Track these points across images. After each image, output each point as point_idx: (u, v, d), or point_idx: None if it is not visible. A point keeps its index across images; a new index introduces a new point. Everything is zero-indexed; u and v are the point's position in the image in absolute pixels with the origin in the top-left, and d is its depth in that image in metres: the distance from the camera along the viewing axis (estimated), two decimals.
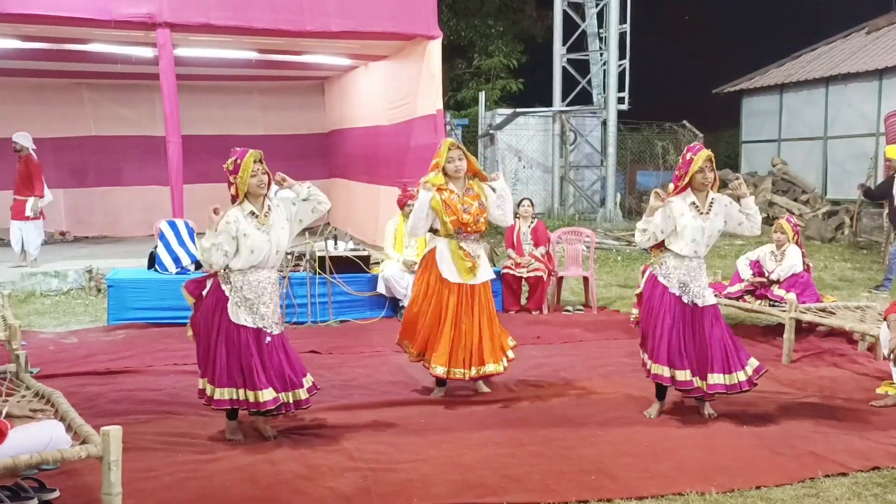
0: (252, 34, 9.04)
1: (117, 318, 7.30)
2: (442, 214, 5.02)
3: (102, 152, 13.29)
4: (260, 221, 4.23)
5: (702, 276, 4.65)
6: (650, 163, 19.27)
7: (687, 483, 3.71)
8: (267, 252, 4.22)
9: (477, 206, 5.08)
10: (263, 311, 4.22)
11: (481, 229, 5.15)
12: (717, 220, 4.62)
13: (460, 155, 5.08)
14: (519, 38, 21.90)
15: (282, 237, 4.30)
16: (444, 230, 5.07)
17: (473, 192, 5.12)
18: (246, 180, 4.18)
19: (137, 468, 3.71)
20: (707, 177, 4.55)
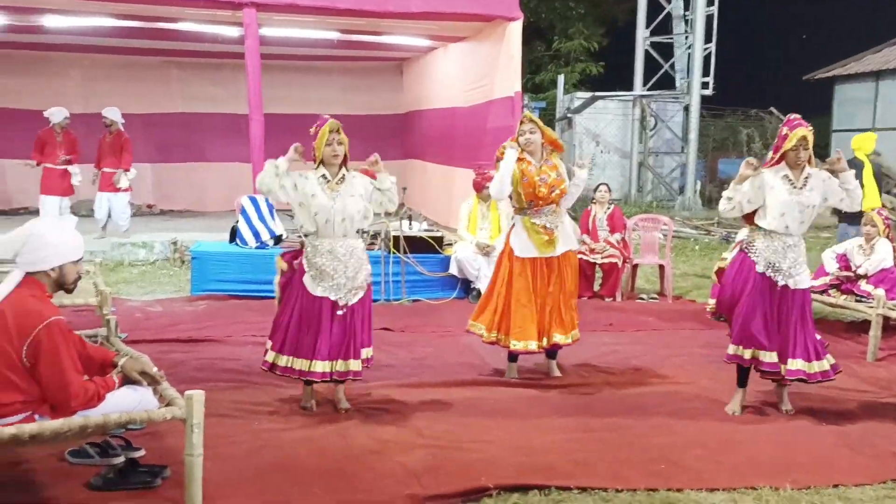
0: (335, 14, 9.14)
1: (199, 288, 7.58)
2: (517, 185, 5.00)
3: (188, 129, 13.70)
4: (329, 187, 4.31)
5: (795, 255, 4.43)
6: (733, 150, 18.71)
7: (760, 477, 3.63)
8: (330, 217, 4.28)
9: (554, 177, 5.04)
10: (340, 280, 4.30)
11: (555, 200, 5.09)
12: (812, 196, 4.40)
13: (532, 128, 5.05)
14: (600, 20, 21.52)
15: (349, 206, 4.33)
16: (518, 202, 5.06)
17: (551, 162, 5.09)
18: (321, 147, 4.31)
19: (216, 433, 3.84)
20: (800, 156, 4.37)
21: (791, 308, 4.45)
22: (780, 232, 4.42)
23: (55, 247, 3.16)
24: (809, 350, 4.46)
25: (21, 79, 12.53)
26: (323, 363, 4.27)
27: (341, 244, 4.34)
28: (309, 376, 4.30)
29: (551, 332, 5.09)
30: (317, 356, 4.26)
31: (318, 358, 4.26)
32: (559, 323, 5.10)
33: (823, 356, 4.50)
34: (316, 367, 4.26)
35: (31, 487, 3.32)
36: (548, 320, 5.07)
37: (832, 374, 4.52)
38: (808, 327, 4.49)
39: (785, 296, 4.44)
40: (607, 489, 3.49)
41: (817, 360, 4.47)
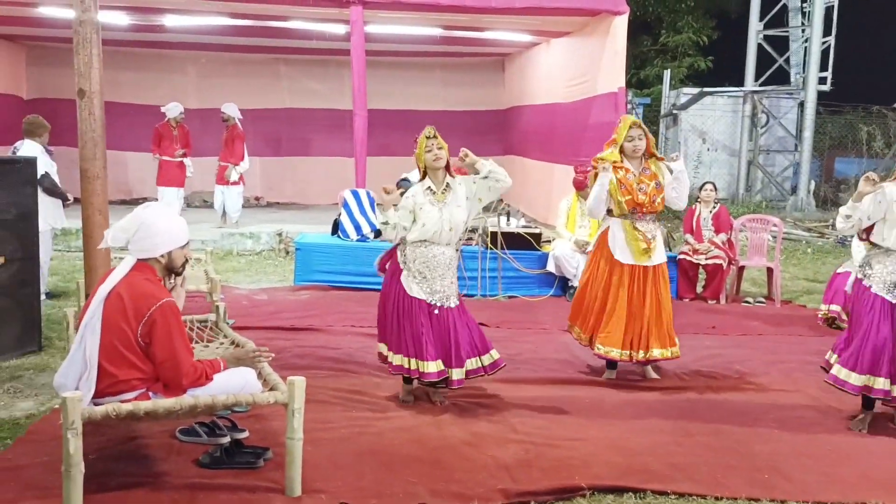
0: (439, 11, 9.22)
1: (302, 279, 7.82)
2: (616, 194, 4.91)
3: (295, 124, 14.15)
4: (437, 198, 4.35)
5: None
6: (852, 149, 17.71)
7: (872, 492, 3.45)
8: (438, 228, 4.33)
9: (654, 187, 4.92)
10: (437, 285, 4.34)
11: (657, 210, 4.99)
12: None
13: (640, 134, 4.93)
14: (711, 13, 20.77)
15: (456, 215, 4.37)
16: (619, 210, 4.96)
17: (650, 171, 4.97)
18: (422, 156, 4.35)
19: (316, 419, 3.97)
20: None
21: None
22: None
23: (164, 234, 3.33)
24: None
25: (141, 75, 13.27)
26: (436, 363, 4.30)
27: (443, 251, 4.39)
28: (423, 376, 4.33)
29: (649, 345, 4.96)
30: (427, 356, 4.29)
31: (429, 358, 4.29)
32: (657, 337, 4.96)
33: None
34: (429, 367, 4.29)
35: (144, 461, 3.52)
36: (644, 333, 4.95)
37: None
38: None
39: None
40: (706, 496, 3.39)
41: None
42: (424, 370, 4.29)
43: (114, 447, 3.63)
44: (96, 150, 4.48)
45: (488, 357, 4.49)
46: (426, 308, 4.34)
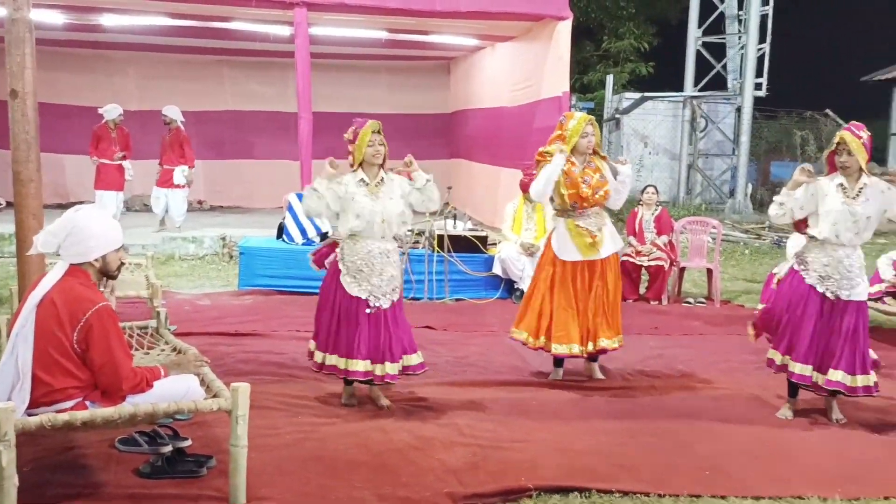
0: (384, 14, 9.21)
1: (247, 283, 7.70)
2: (561, 186, 4.97)
3: (238, 127, 13.94)
4: (369, 190, 4.34)
5: (849, 266, 4.32)
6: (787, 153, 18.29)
7: (808, 487, 3.55)
8: (370, 219, 4.31)
9: (597, 179, 5.00)
10: (375, 280, 4.33)
11: (600, 202, 5.06)
12: (868, 207, 4.27)
13: (594, 131, 5.03)
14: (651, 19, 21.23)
15: (389, 208, 4.36)
16: (561, 203, 5.03)
17: (594, 165, 5.06)
18: (362, 149, 4.33)
19: (260, 425, 3.90)
20: (842, 160, 4.27)
21: (842, 320, 4.34)
22: (832, 242, 4.32)
23: (98, 237, 3.23)
24: (854, 363, 4.33)
25: (79, 75, 12.91)
26: (364, 363, 4.29)
27: (378, 246, 4.37)
28: (349, 375, 4.34)
29: (598, 336, 5.03)
30: (357, 355, 4.29)
31: (358, 357, 4.29)
32: (605, 326, 5.05)
33: (869, 371, 4.38)
34: (357, 366, 4.29)
35: (82, 472, 3.42)
36: (593, 324, 5.02)
37: (875, 391, 4.39)
38: (859, 340, 4.36)
39: (836, 308, 4.34)
40: (650, 494, 3.45)
41: (862, 375, 4.34)
42: (352, 368, 4.29)
43: (50, 458, 3.51)
44: (30, 153, 4.34)
45: (416, 357, 4.49)
46: (364, 307, 4.32)
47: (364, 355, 4.30)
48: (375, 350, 4.34)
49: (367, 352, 4.31)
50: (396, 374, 4.40)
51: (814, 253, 4.40)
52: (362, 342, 4.30)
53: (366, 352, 4.30)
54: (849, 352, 4.33)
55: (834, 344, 4.33)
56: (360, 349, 4.30)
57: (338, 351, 4.35)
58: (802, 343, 4.36)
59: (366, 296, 4.32)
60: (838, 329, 4.33)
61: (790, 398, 4.58)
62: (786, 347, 4.45)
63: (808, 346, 4.35)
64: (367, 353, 4.31)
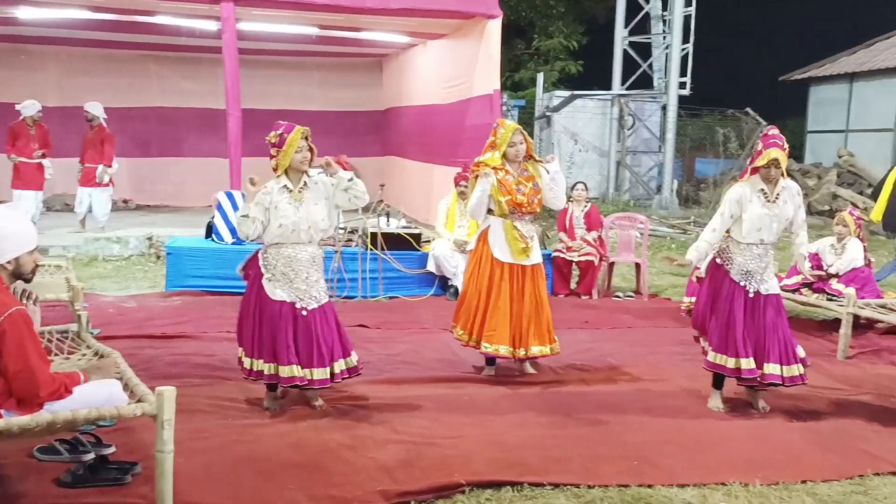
0: (314, 10, 9.11)
1: (174, 284, 7.52)
2: (497, 195, 5.02)
3: (166, 124, 13.60)
4: (293, 196, 4.28)
5: (766, 262, 4.53)
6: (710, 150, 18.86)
7: (731, 473, 3.67)
8: (295, 227, 4.25)
9: (531, 188, 5.07)
10: (301, 285, 4.27)
11: (535, 210, 5.14)
12: (786, 208, 4.50)
13: (521, 139, 5.08)
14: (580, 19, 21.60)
15: (314, 213, 4.30)
16: (499, 210, 5.07)
17: (528, 173, 5.11)
18: (290, 155, 4.23)
19: (189, 429, 3.84)
20: (771, 175, 4.44)
21: (765, 313, 4.50)
22: (754, 243, 4.50)
23: (9, 238, 3.11)
24: (785, 354, 4.51)
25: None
26: (289, 368, 4.23)
27: (304, 251, 4.31)
28: (277, 380, 4.28)
29: (529, 343, 5.09)
30: (284, 361, 4.23)
31: (285, 363, 4.22)
32: (537, 334, 5.10)
33: (798, 360, 4.55)
34: (284, 371, 4.23)
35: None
36: (524, 330, 5.08)
37: (804, 379, 4.57)
38: (785, 331, 4.54)
39: (758, 302, 4.51)
40: (580, 485, 3.51)
41: (795, 364, 4.52)
42: (282, 374, 4.23)
43: None
44: None
45: (351, 360, 4.45)
46: (290, 310, 4.26)
47: (291, 361, 4.23)
48: (303, 355, 4.27)
49: (294, 357, 4.24)
50: (327, 379, 4.34)
51: (735, 251, 4.56)
52: (289, 347, 4.24)
53: (293, 357, 4.24)
54: (778, 344, 4.50)
55: (762, 338, 4.49)
56: (288, 355, 4.23)
57: (264, 356, 4.28)
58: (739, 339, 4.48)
59: (291, 300, 4.26)
60: (763, 323, 4.50)
61: (717, 389, 4.70)
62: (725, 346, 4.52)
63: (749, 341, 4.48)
64: (295, 359, 4.24)
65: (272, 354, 4.26)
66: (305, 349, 4.27)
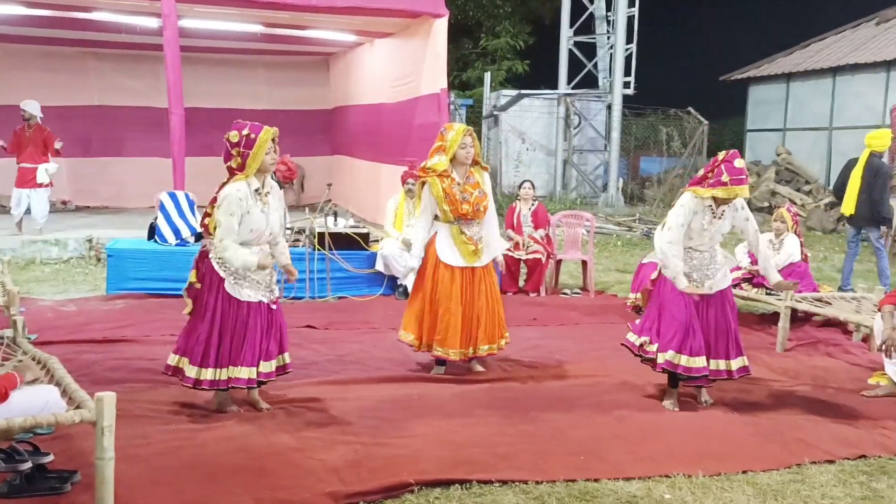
0: (258, 7, 8.99)
1: (116, 287, 7.35)
2: (442, 203, 5.03)
3: (106, 122, 13.27)
4: (262, 200, 4.23)
5: (710, 262, 4.64)
6: (654, 149, 19.22)
7: (675, 465, 3.75)
8: (262, 231, 4.22)
9: (477, 195, 5.08)
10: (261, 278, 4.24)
11: (481, 217, 5.16)
12: (726, 223, 4.65)
13: (472, 141, 5.07)
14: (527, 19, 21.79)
15: (274, 217, 4.29)
16: (445, 217, 5.09)
17: (474, 179, 5.12)
18: (260, 157, 4.12)
19: (131, 434, 3.76)
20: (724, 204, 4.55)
21: (708, 311, 4.60)
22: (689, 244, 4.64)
23: None
24: (729, 349, 4.62)
25: None
26: (248, 369, 4.19)
27: (263, 249, 4.28)
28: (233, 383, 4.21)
29: (478, 344, 5.12)
30: (241, 362, 4.18)
31: (243, 364, 4.18)
32: (487, 334, 5.13)
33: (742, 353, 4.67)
34: (240, 373, 4.18)
35: None
36: (475, 331, 5.10)
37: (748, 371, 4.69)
38: (729, 325, 4.64)
39: (702, 301, 4.60)
40: (528, 481, 3.54)
41: (738, 357, 4.64)
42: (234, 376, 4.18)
43: None
44: None
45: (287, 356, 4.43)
46: (258, 308, 4.23)
47: (249, 362, 4.19)
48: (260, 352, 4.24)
49: (251, 357, 4.20)
50: (273, 372, 4.31)
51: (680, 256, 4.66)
52: (248, 348, 4.19)
53: (251, 357, 4.19)
54: (722, 339, 4.61)
55: (708, 336, 4.60)
56: (246, 356, 4.18)
57: (219, 363, 4.20)
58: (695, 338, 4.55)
59: (259, 297, 4.22)
60: (707, 320, 4.60)
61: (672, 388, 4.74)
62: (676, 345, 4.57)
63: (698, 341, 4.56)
64: (252, 359, 4.20)
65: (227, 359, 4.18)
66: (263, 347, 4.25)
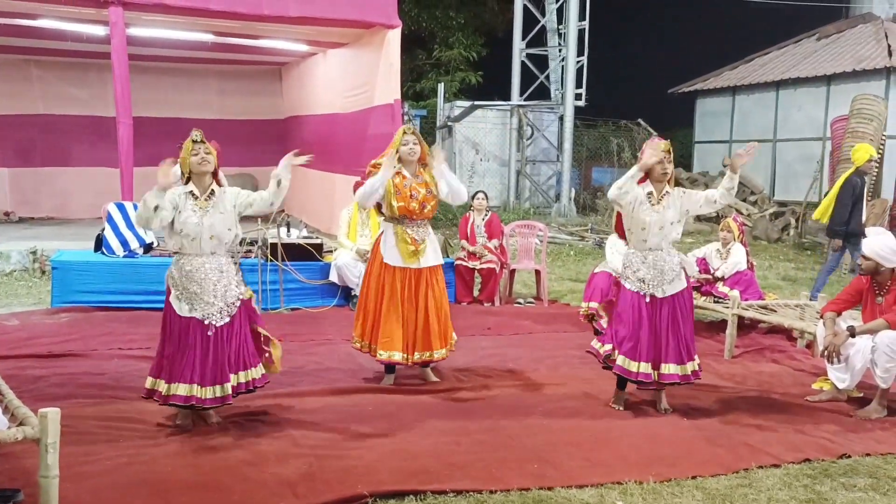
0: (208, 16, 8.91)
1: (62, 300, 7.16)
2: (391, 197, 5.04)
3: (51, 131, 12.97)
4: (198, 203, 4.17)
5: (662, 265, 4.68)
6: (605, 160, 19.52)
7: (626, 472, 3.79)
8: (197, 236, 4.13)
9: (425, 193, 5.11)
10: (209, 299, 4.14)
11: (428, 216, 5.17)
12: (668, 213, 4.66)
13: (415, 140, 5.13)
14: (480, 30, 21.95)
15: (218, 223, 4.18)
16: (390, 212, 5.10)
17: (423, 178, 5.16)
18: (187, 159, 4.17)
19: (77, 452, 3.67)
20: (666, 168, 4.64)
21: (661, 315, 4.68)
22: (644, 246, 4.69)
23: None
24: (681, 353, 4.69)
25: None
26: (186, 386, 4.09)
27: (209, 262, 4.18)
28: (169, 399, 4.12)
29: (425, 346, 5.10)
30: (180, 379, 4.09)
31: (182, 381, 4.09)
32: (433, 337, 5.12)
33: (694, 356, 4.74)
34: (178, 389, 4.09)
35: None
36: (421, 334, 5.09)
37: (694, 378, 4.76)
38: (681, 330, 4.71)
39: (655, 306, 4.68)
40: (482, 491, 3.55)
41: (689, 362, 4.71)
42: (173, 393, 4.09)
43: None
44: None
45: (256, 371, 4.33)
46: (197, 326, 4.13)
47: (188, 379, 4.09)
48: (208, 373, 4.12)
49: (190, 375, 4.10)
50: (229, 396, 4.20)
51: (631, 260, 4.75)
52: (188, 366, 4.10)
53: (189, 375, 4.10)
54: (674, 344, 4.68)
55: (661, 340, 4.67)
56: (185, 373, 4.09)
57: (163, 376, 4.14)
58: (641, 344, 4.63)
59: (200, 316, 4.13)
60: (660, 325, 4.68)
61: (620, 389, 4.85)
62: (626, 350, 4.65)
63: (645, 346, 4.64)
64: (197, 378, 4.10)
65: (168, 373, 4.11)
66: (210, 367, 4.13)
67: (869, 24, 18.09)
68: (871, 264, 4.91)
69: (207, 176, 4.24)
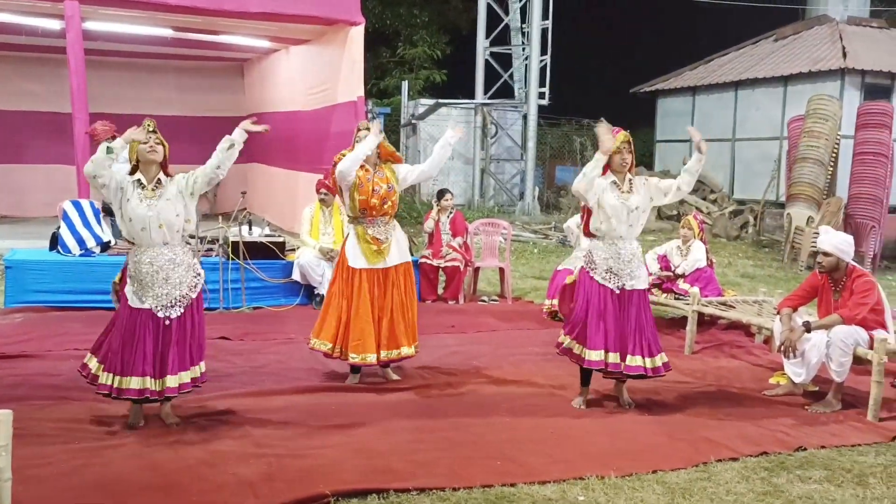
0: (167, 11, 8.74)
1: (15, 300, 7.00)
2: (354, 190, 5.01)
3: (4, 128, 12.65)
4: (146, 193, 4.11)
5: (630, 258, 4.70)
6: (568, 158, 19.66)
7: (588, 467, 3.82)
8: (145, 225, 4.07)
9: (385, 189, 5.09)
10: (160, 291, 4.08)
11: (388, 213, 5.15)
12: (636, 198, 4.71)
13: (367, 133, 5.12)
14: (444, 28, 21.95)
15: (166, 211, 4.11)
16: (352, 208, 5.07)
17: (384, 174, 5.14)
18: (134, 149, 4.14)
19: (30, 454, 3.59)
20: (625, 158, 4.68)
21: (629, 308, 4.71)
22: (612, 236, 4.70)
23: None
24: (649, 347, 4.73)
25: None
26: (140, 379, 4.03)
27: (162, 252, 4.12)
28: (122, 393, 4.06)
29: (396, 344, 5.10)
30: (132, 372, 4.04)
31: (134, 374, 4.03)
32: (403, 335, 5.12)
33: (660, 351, 4.79)
34: (131, 383, 4.03)
35: None
36: (389, 333, 5.08)
37: (664, 371, 4.81)
38: (647, 325, 4.76)
39: (622, 297, 4.71)
40: (445, 488, 3.54)
41: (657, 355, 4.76)
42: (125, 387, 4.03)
43: None
44: None
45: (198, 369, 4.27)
46: (149, 318, 4.07)
47: (145, 372, 4.04)
48: (156, 366, 4.08)
49: (149, 368, 4.05)
50: (176, 388, 4.14)
51: (598, 251, 4.77)
52: (145, 358, 4.05)
53: (147, 368, 4.05)
54: (641, 337, 4.72)
55: (627, 332, 4.70)
56: (137, 366, 4.04)
57: (113, 369, 4.07)
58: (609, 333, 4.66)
59: (151, 306, 4.07)
60: (628, 318, 4.71)
61: (584, 387, 4.88)
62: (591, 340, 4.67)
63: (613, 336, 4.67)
64: (150, 370, 4.06)
65: (120, 366, 4.04)
66: (161, 359, 4.09)
67: (824, 25, 18.45)
68: (833, 260, 5.00)
69: (155, 166, 4.17)
